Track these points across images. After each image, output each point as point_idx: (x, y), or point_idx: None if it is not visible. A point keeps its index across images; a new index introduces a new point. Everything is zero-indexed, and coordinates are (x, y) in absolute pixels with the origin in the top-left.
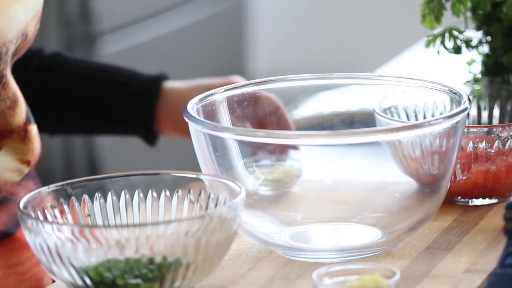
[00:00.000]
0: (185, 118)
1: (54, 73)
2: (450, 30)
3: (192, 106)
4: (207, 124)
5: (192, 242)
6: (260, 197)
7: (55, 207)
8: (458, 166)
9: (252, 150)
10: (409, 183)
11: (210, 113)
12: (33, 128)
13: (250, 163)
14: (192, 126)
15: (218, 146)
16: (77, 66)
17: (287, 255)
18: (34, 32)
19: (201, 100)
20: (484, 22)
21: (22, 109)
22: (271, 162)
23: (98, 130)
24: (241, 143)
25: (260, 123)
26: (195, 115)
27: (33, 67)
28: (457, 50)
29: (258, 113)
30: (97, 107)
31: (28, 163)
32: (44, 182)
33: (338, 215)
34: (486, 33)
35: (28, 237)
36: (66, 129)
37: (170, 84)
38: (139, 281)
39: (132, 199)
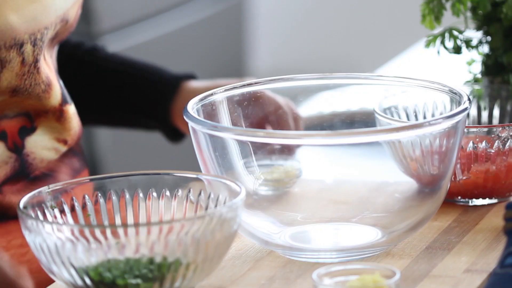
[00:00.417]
0: (185, 118)
1: (84, 65)
2: (450, 30)
3: (192, 106)
4: (207, 124)
5: (192, 242)
6: (260, 197)
7: (55, 207)
8: (458, 166)
9: (252, 150)
10: (409, 183)
11: (210, 113)
12: (70, 108)
13: (250, 163)
14: (192, 126)
15: (218, 146)
16: (107, 59)
17: (287, 255)
18: (76, 17)
19: (201, 100)
20: (484, 22)
21: (57, 92)
22: (271, 162)
23: (122, 123)
24: (241, 143)
25: (260, 123)
26: (195, 115)
27: (67, 57)
28: (457, 50)
29: (258, 113)
30: (120, 100)
31: (64, 141)
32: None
33: (338, 215)
34: (486, 33)
35: (28, 237)
36: (92, 120)
37: (192, 83)
38: (139, 281)
39: (132, 199)
